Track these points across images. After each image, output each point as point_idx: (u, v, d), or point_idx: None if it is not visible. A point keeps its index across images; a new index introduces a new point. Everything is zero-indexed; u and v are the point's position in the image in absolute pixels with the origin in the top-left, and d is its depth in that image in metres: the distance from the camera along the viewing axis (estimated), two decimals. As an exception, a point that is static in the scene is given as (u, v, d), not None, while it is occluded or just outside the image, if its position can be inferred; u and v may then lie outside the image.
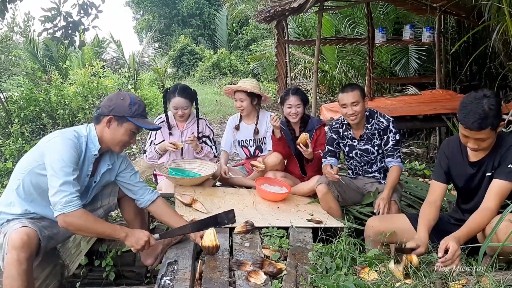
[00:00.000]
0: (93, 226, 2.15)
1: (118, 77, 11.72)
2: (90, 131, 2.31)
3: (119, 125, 2.29)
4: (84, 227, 2.13)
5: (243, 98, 3.87)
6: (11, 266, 1.97)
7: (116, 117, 2.27)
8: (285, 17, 6.69)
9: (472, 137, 2.10)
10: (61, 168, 2.08)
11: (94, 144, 2.30)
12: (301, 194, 3.48)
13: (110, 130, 2.29)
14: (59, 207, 2.05)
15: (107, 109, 2.27)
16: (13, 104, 8.24)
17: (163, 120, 3.72)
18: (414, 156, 6.15)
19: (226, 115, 10.34)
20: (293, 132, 3.65)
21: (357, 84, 3.28)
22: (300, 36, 10.43)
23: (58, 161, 2.08)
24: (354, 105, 3.05)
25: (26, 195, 2.24)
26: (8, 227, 2.14)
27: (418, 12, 6.62)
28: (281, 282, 2.03)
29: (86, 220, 2.12)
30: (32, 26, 13.74)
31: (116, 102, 2.27)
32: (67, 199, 2.06)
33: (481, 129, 2.04)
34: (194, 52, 22.29)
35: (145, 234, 2.27)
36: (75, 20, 4.39)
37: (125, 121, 2.28)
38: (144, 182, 2.60)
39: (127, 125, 2.29)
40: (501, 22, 4.00)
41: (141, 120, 2.32)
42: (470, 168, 2.29)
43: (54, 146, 2.13)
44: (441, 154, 2.43)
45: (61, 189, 2.06)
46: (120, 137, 2.31)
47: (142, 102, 2.35)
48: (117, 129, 2.29)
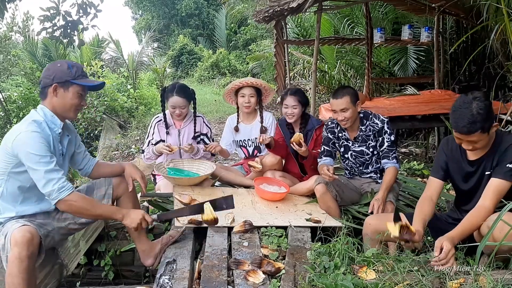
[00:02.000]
0: (92, 208, 2.26)
1: (117, 76, 11.73)
2: (44, 113, 2.31)
3: (65, 91, 2.30)
4: (84, 209, 2.23)
5: (253, 94, 3.81)
6: (12, 264, 1.98)
7: (60, 83, 2.28)
8: (284, 17, 6.69)
9: (464, 140, 2.12)
10: (39, 161, 2.11)
11: (55, 123, 2.32)
12: (300, 194, 3.48)
13: (58, 98, 2.30)
14: (54, 195, 2.13)
15: (49, 79, 2.28)
16: (12, 104, 8.25)
17: (160, 119, 3.72)
18: (413, 156, 6.15)
19: (225, 115, 10.34)
20: (292, 131, 3.66)
21: (349, 87, 3.23)
22: (299, 36, 10.43)
23: (32, 156, 2.11)
24: (344, 112, 3.05)
25: (12, 197, 2.25)
26: (7, 228, 2.14)
27: (416, 12, 6.62)
28: (280, 281, 2.04)
29: (84, 203, 2.23)
30: (31, 26, 13.75)
31: (55, 69, 2.29)
32: (58, 185, 2.13)
33: (471, 133, 2.06)
34: (193, 52, 22.30)
35: (140, 212, 2.39)
36: (74, 19, 4.39)
37: (70, 85, 2.30)
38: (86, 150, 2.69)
39: (73, 88, 2.31)
40: (499, 22, 4.00)
41: (83, 80, 2.35)
42: (468, 167, 2.30)
43: (23, 143, 2.13)
44: (440, 151, 2.45)
45: (48, 178, 2.11)
46: (70, 101, 2.32)
47: (79, 64, 2.40)
48: (65, 95, 2.30)
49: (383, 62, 8.89)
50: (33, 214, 2.30)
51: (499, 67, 5.43)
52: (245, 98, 3.83)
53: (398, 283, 1.86)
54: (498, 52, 4.88)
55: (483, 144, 2.15)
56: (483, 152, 2.23)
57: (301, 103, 3.54)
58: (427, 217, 2.27)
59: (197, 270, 2.29)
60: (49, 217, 2.38)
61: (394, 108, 5.44)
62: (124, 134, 9.22)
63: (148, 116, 10.19)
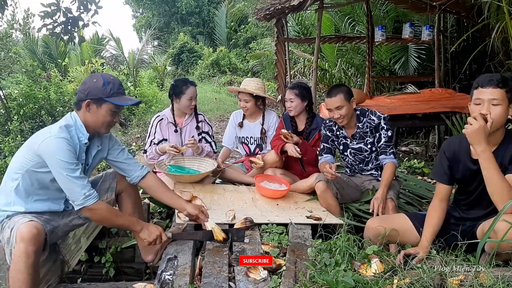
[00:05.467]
0: (114, 218, 2.31)
1: (117, 74, 11.72)
2: (76, 121, 2.32)
3: (98, 107, 2.30)
4: (106, 218, 2.28)
5: (248, 99, 3.84)
6: (19, 258, 1.99)
7: (93, 100, 2.28)
8: (284, 15, 6.69)
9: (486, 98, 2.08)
10: (65, 168, 2.13)
11: (83, 133, 2.32)
12: (300, 192, 3.48)
13: (91, 114, 2.31)
14: (79, 202, 2.16)
15: (83, 94, 2.29)
16: (12, 101, 8.24)
17: (162, 118, 3.72)
18: (413, 155, 6.16)
19: (225, 113, 10.33)
20: (295, 126, 3.67)
21: (343, 85, 3.25)
22: (299, 34, 10.43)
23: (60, 162, 2.13)
24: (339, 109, 3.08)
25: (26, 193, 2.27)
26: (13, 222, 2.15)
27: (417, 11, 6.61)
28: (280, 278, 2.04)
29: (108, 212, 2.27)
30: (31, 23, 13.73)
31: (90, 85, 2.28)
32: (84, 192, 2.15)
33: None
34: (193, 50, 22.25)
35: (158, 229, 2.39)
36: (75, 15, 4.38)
37: (103, 102, 2.30)
38: (134, 158, 2.63)
39: (106, 105, 2.31)
40: (500, 21, 4.00)
41: (118, 98, 2.33)
42: (473, 165, 2.24)
43: (50, 148, 2.15)
44: (441, 155, 2.39)
45: (74, 186, 2.13)
46: (102, 118, 2.33)
47: (116, 80, 2.36)
48: (97, 111, 2.31)
49: (384, 60, 8.88)
50: (41, 212, 2.32)
51: (500, 66, 5.42)
52: (241, 103, 3.90)
53: (399, 280, 1.86)
54: (499, 50, 4.88)
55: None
56: (492, 149, 2.21)
57: (299, 96, 3.54)
58: (436, 228, 2.26)
59: (198, 266, 2.30)
60: (55, 214, 2.39)
61: (395, 107, 5.44)
62: (124, 132, 9.22)
63: (149, 114, 10.19)
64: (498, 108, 2.06)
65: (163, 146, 3.58)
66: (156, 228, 2.40)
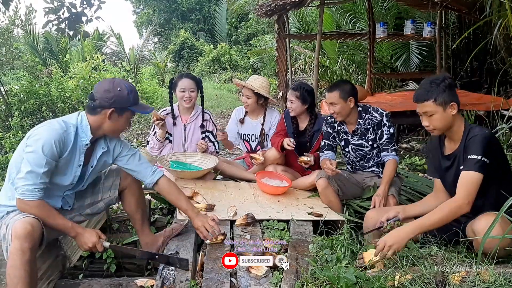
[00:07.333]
0: (46, 218, 2.14)
1: (118, 70, 11.70)
2: (82, 121, 2.28)
3: (119, 116, 2.29)
4: (38, 216, 2.12)
5: (249, 95, 3.82)
6: (15, 256, 1.98)
7: (117, 108, 2.26)
8: (286, 11, 6.68)
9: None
10: (34, 157, 2.08)
11: (86, 134, 2.28)
12: (302, 188, 3.49)
13: (111, 122, 2.28)
14: (19, 192, 2.09)
15: (107, 102, 2.23)
16: (13, 97, 8.24)
17: (168, 113, 3.71)
18: (414, 152, 6.15)
19: (226, 110, 10.33)
20: (296, 124, 3.67)
21: (346, 83, 3.23)
22: (300, 30, 10.40)
23: (35, 149, 2.08)
24: (332, 106, 3.11)
25: None
26: (10, 218, 2.15)
27: (419, 7, 6.60)
28: (282, 274, 2.05)
29: (41, 211, 2.12)
30: (33, 19, 13.71)
31: (115, 93, 2.23)
32: (28, 188, 2.08)
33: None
34: (194, 46, 22.21)
35: (94, 236, 2.22)
36: (78, 11, 4.37)
37: (126, 111, 2.29)
38: (146, 162, 2.56)
39: (127, 114, 2.31)
40: (502, 18, 3.99)
41: (138, 106, 2.33)
42: (446, 161, 2.34)
43: (38, 134, 2.12)
44: (427, 151, 2.53)
45: (26, 177, 2.07)
46: (121, 127, 2.35)
47: (134, 87, 2.35)
48: (118, 120, 2.30)
49: (385, 57, 8.87)
50: None
51: (501, 63, 5.42)
52: (243, 97, 3.89)
53: (401, 276, 1.87)
54: (501, 47, 4.88)
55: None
56: (456, 146, 2.26)
57: (300, 99, 3.52)
58: (425, 207, 2.40)
59: (200, 262, 2.30)
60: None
61: (396, 104, 5.44)
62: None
63: (149, 110, 10.16)
64: (434, 117, 2.27)
65: (161, 131, 3.58)
66: (92, 235, 2.22)
